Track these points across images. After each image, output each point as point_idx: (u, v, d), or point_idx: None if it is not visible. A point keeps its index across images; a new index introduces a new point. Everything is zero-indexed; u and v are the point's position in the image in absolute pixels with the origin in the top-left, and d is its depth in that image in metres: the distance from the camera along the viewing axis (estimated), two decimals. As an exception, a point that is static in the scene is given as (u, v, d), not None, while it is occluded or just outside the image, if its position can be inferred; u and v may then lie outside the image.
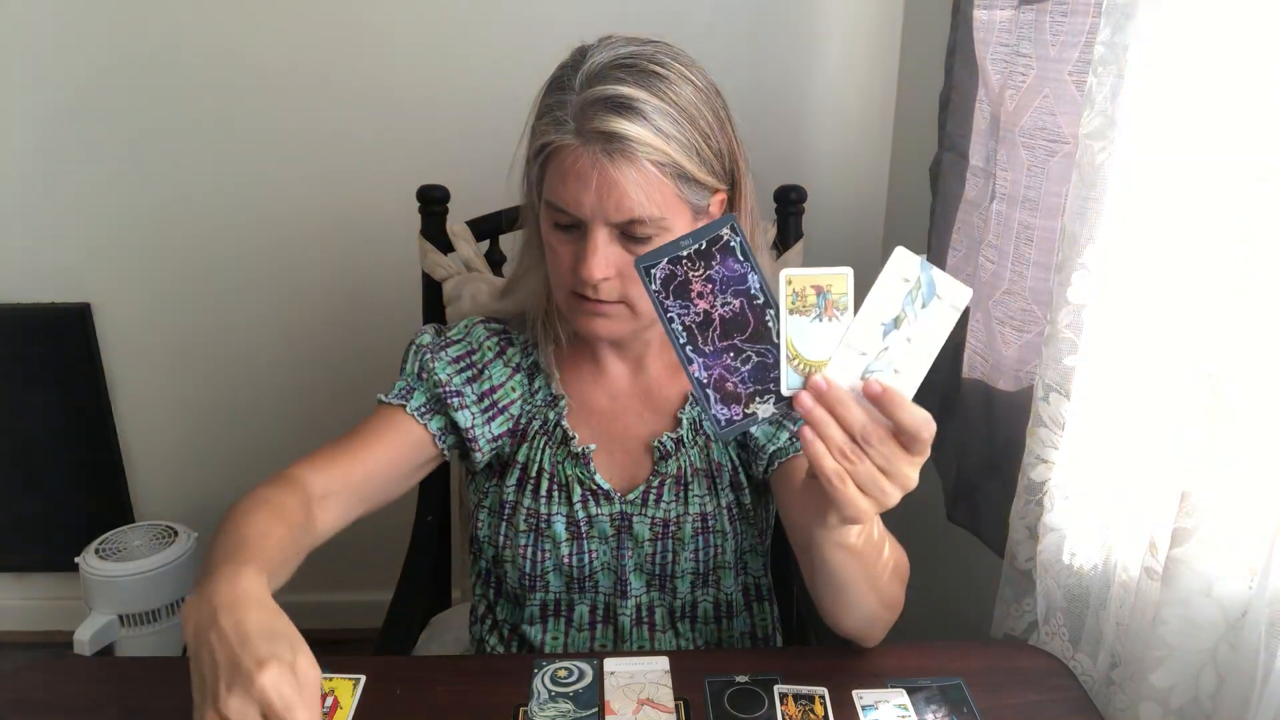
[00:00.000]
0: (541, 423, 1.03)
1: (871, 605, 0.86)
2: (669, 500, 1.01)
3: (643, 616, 1.04)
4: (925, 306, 0.67)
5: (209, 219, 1.85)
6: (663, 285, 0.69)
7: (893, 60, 1.77)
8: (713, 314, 0.69)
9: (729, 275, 0.69)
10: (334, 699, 0.85)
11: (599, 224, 0.87)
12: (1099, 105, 0.84)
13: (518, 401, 1.03)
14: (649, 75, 0.86)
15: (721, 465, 1.02)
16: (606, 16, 1.71)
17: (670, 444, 1.01)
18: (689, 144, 0.87)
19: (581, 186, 0.85)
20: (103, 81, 1.75)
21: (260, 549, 0.78)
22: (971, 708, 0.85)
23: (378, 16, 1.72)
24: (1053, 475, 0.96)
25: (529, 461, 1.02)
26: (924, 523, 1.56)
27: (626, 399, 1.04)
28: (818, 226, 1.41)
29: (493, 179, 1.16)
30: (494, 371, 1.03)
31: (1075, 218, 0.88)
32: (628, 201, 0.85)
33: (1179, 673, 0.81)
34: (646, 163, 0.85)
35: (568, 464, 1.01)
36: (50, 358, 1.92)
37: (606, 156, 0.84)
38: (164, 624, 1.83)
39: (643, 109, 0.84)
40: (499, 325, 1.06)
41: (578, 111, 0.85)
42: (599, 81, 0.85)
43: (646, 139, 0.84)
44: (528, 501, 1.01)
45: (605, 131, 0.84)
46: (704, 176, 0.89)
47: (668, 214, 0.87)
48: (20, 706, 0.87)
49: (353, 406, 1.96)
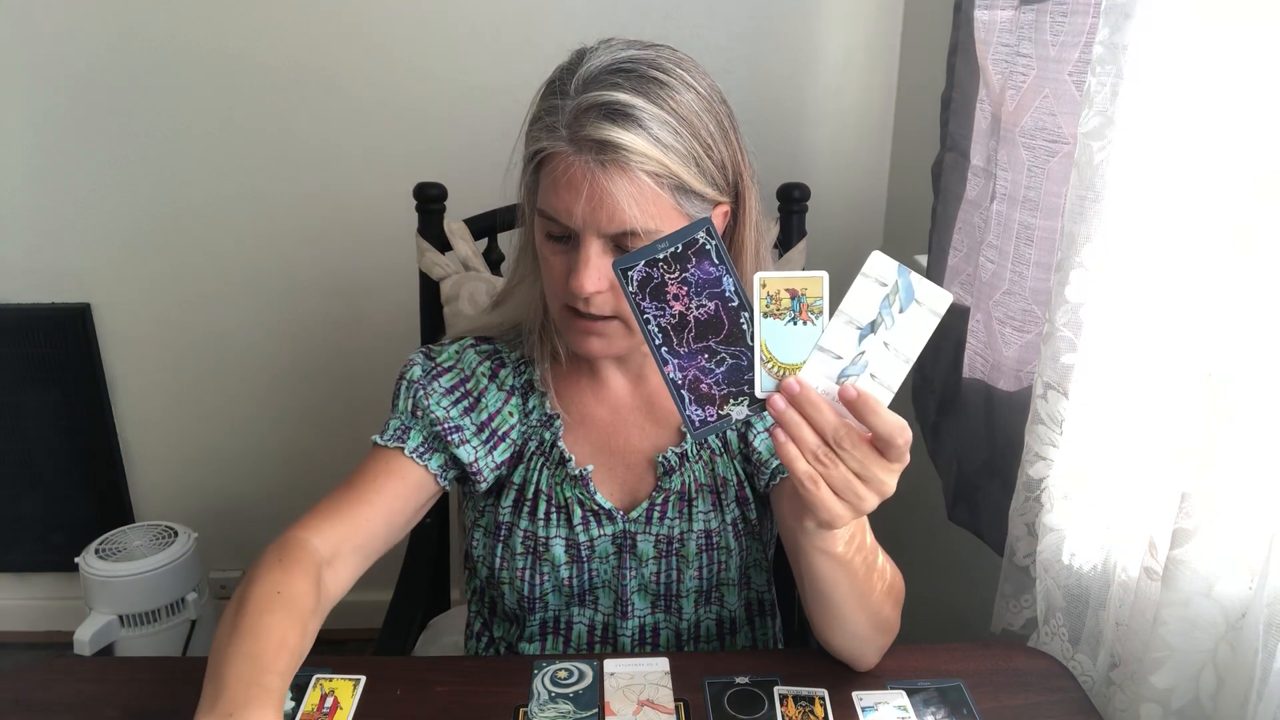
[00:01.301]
0: (538, 443, 0.99)
1: (861, 624, 0.85)
2: (673, 517, 0.98)
3: (646, 638, 1.01)
4: (903, 311, 0.67)
5: (208, 219, 1.86)
6: (639, 287, 0.69)
7: (893, 60, 1.77)
8: (688, 316, 0.69)
9: (704, 278, 0.69)
10: (334, 699, 0.85)
11: (591, 235, 0.83)
12: (1098, 105, 0.84)
13: (516, 426, 0.99)
14: (648, 81, 0.82)
15: (727, 480, 0.99)
16: (606, 16, 1.71)
17: (674, 459, 0.98)
18: (688, 155, 0.83)
19: (573, 196, 0.81)
20: (103, 81, 1.75)
21: (276, 665, 0.77)
22: (971, 709, 0.84)
23: (376, 16, 1.72)
24: (1051, 473, 0.96)
25: (525, 483, 0.99)
26: (924, 523, 1.56)
27: (627, 412, 1.01)
28: (818, 226, 1.41)
29: (490, 177, 1.15)
30: (489, 399, 0.99)
31: (1074, 217, 0.88)
32: (620, 213, 0.81)
33: (1179, 673, 0.81)
34: (641, 173, 0.80)
35: (566, 485, 0.98)
36: (50, 358, 1.93)
37: (599, 166, 0.80)
38: (164, 624, 1.83)
39: (639, 117, 0.80)
40: (489, 346, 1.02)
41: (571, 118, 0.81)
42: (594, 87, 0.81)
43: (641, 148, 0.80)
44: (524, 524, 0.98)
45: (598, 140, 0.80)
46: (703, 189, 0.85)
47: (663, 227, 0.82)
48: (20, 706, 0.87)
49: (351, 406, 1.98)
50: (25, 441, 1.99)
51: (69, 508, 2.05)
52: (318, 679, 0.87)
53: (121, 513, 2.06)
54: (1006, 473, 1.07)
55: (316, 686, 0.86)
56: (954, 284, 1.28)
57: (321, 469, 2.02)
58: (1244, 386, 0.75)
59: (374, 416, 2.01)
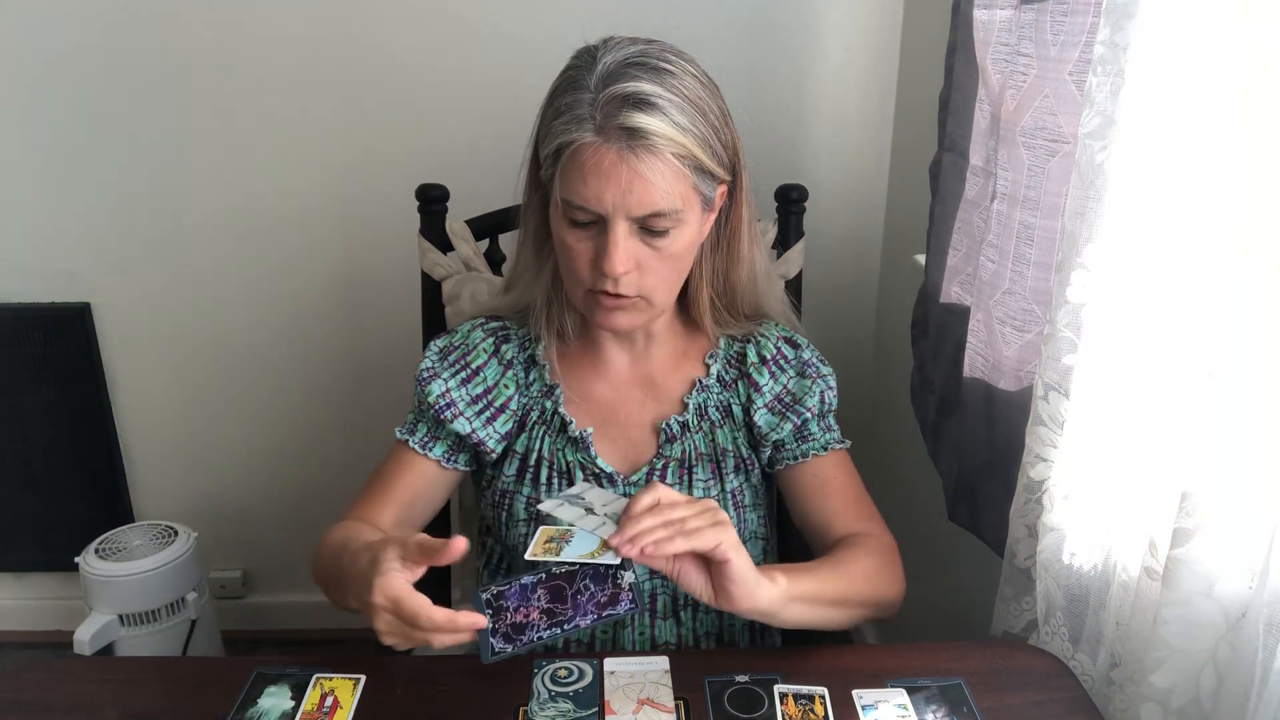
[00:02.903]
0: (539, 412, 1.05)
1: (850, 619, 0.96)
2: (672, 483, 1.03)
3: (644, 604, 1.05)
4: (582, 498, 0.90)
5: (209, 219, 1.86)
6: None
7: (893, 60, 1.77)
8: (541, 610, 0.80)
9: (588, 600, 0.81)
10: (334, 699, 0.85)
11: (620, 218, 0.89)
12: (1099, 105, 0.84)
13: (514, 397, 1.05)
14: (661, 72, 0.88)
15: (726, 451, 1.05)
16: (607, 17, 1.70)
17: (676, 427, 1.04)
18: (702, 137, 0.90)
19: (604, 183, 0.87)
20: (102, 81, 1.75)
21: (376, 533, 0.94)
22: (971, 707, 0.85)
23: (377, 17, 1.72)
24: (1052, 474, 0.96)
25: (528, 451, 1.04)
26: (924, 523, 1.56)
27: (628, 388, 1.06)
28: (818, 226, 1.41)
29: (492, 178, 1.16)
30: (488, 372, 1.05)
31: (1075, 217, 0.88)
32: (651, 194, 0.87)
33: (1179, 673, 0.81)
34: (669, 155, 0.87)
35: (567, 450, 1.04)
36: (50, 358, 1.93)
37: (631, 151, 0.86)
38: (164, 624, 1.82)
39: (660, 104, 0.86)
40: (498, 323, 1.08)
41: (598, 109, 0.86)
42: (617, 80, 0.87)
43: (668, 133, 0.86)
44: (527, 490, 1.03)
45: (629, 127, 0.85)
46: (714, 168, 0.92)
47: (683, 206, 0.90)
48: (20, 706, 0.87)
49: (352, 405, 1.98)
50: (25, 441, 2.00)
51: (69, 508, 2.05)
52: (318, 679, 0.87)
53: (121, 512, 2.06)
54: (1007, 473, 1.07)
55: (316, 686, 0.86)
56: (954, 284, 1.29)
57: (322, 469, 2.02)
58: (1244, 386, 0.75)
59: (374, 416, 2.03)
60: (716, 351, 1.08)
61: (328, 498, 2.03)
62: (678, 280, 0.98)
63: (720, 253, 1.03)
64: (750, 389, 1.06)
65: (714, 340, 1.08)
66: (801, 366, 1.07)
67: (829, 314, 1.90)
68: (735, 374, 1.07)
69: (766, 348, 1.07)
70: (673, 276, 0.96)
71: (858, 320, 1.96)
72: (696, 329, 1.08)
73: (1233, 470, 0.76)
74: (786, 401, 1.06)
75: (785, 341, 1.09)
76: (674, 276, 0.96)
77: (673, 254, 0.93)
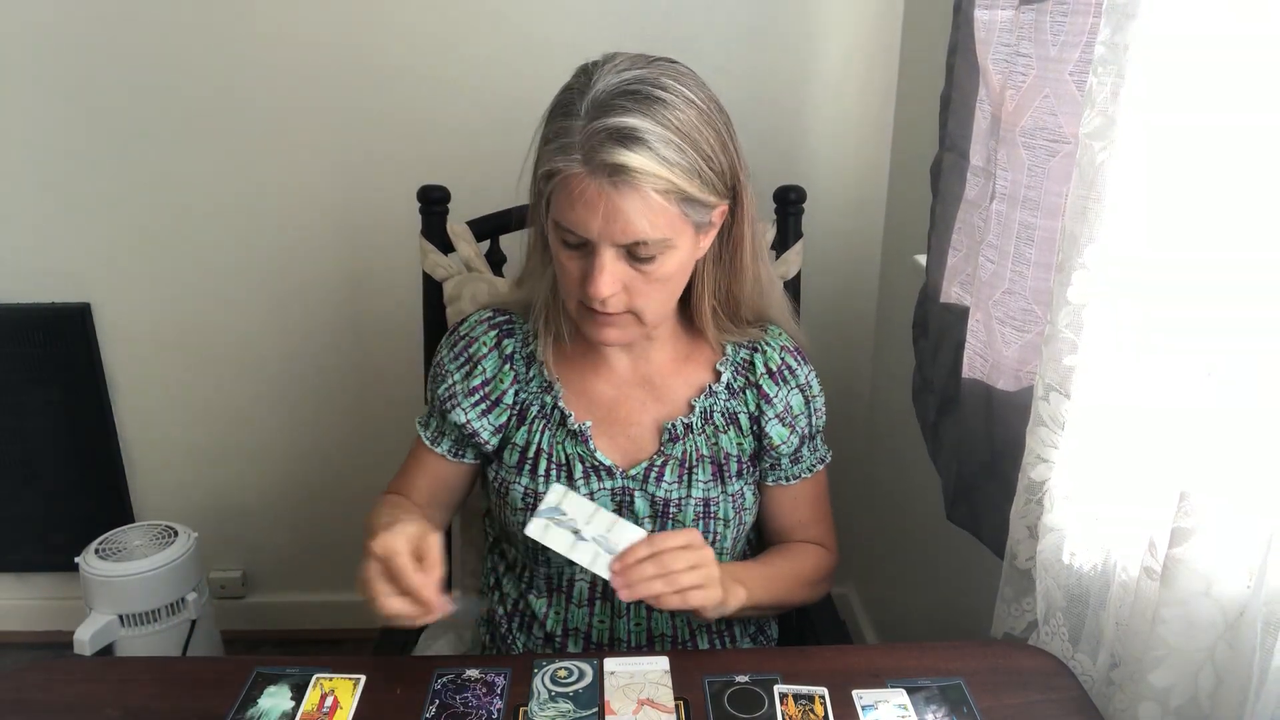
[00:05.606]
0: (539, 407, 1.07)
1: (794, 604, 1.13)
2: (671, 481, 1.04)
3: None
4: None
5: (209, 219, 1.86)
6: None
7: (893, 60, 1.77)
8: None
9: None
10: (334, 699, 0.85)
11: (606, 245, 0.90)
12: (1099, 105, 0.84)
13: (511, 390, 1.07)
14: (653, 102, 0.88)
15: (730, 455, 1.06)
16: (608, 18, 1.71)
17: (680, 427, 1.06)
18: (691, 168, 0.89)
19: (589, 213, 0.88)
20: (103, 81, 1.75)
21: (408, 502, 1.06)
22: (971, 707, 0.85)
23: (378, 19, 1.72)
24: (1052, 475, 0.96)
25: (528, 444, 1.06)
26: (924, 523, 1.56)
27: (629, 388, 1.07)
28: (818, 226, 1.41)
29: (493, 179, 1.16)
30: (487, 364, 1.07)
31: (1075, 218, 0.88)
32: (633, 227, 0.88)
33: (1178, 672, 0.81)
34: (651, 191, 0.87)
35: (567, 443, 1.05)
36: (50, 358, 1.93)
37: (613, 186, 0.87)
38: (164, 624, 1.82)
39: (647, 139, 0.86)
40: (504, 317, 1.10)
41: (584, 141, 0.87)
42: (605, 112, 0.87)
43: (651, 169, 0.86)
44: (525, 481, 1.05)
45: (612, 164, 0.86)
46: (705, 196, 0.92)
47: (670, 234, 0.91)
48: (20, 706, 0.87)
49: (353, 405, 1.98)
50: (25, 441, 1.99)
51: (69, 508, 2.05)
52: (318, 679, 0.87)
53: (121, 512, 2.06)
54: (1006, 473, 1.07)
55: (316, 686, 0.86)
56: (954, 284, 1.29)
57: (322, 469, 2.02)
58: (1244, 386, 0.75)
59: (375, 416, 2.03)
60: (726, 359, 1.09)
61: (328, 498, 2.04)
62: (669, 298, 0.99)
63: (723, 265, 1.04)
64: (760, 399, 1.08)
65: (717, 346, 1.08)
66: (802, 386, 1.10)
67: (829, 314, 1.90)
68: (743, 382, 1.08)
69: (772, 359, 1.09)
70: (663, 296, 0.97)
71: (858, 320, 1.96)
72: (699, 333, 1.09)
73: (1231, 470, 0.76)
74: (794, 414, 1.09)
75: (788, 353, 1.11)
76: (664, 296, 0.98)
77: (660, 277, 0.94)
